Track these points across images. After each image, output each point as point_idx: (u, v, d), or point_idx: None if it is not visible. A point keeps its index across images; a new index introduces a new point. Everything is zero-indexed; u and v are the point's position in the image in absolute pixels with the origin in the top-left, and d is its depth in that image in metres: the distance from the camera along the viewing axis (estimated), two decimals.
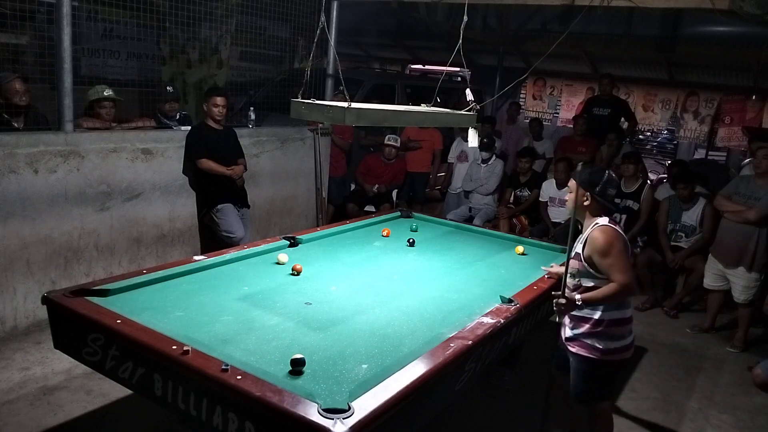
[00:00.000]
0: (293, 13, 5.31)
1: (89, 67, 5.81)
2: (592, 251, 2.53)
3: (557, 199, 5.86)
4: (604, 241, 2.48)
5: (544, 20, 8.23)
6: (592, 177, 2.59)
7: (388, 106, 3.03)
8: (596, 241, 2.51)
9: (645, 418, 3.44)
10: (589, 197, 2.60)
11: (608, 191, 2.58)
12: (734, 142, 8.45)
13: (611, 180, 2.60)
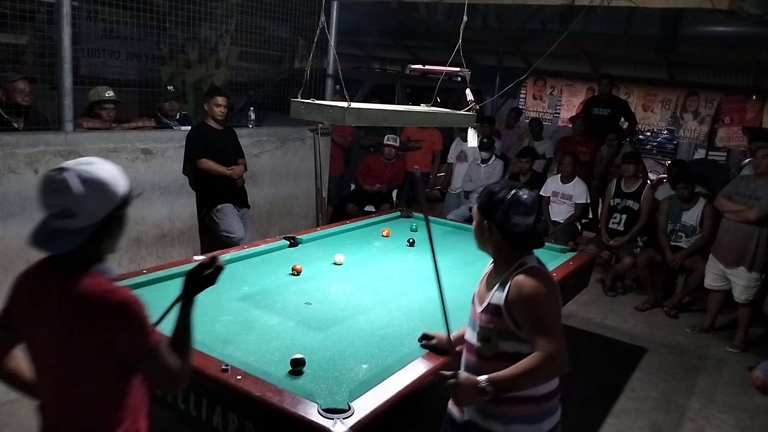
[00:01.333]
0: (293, 13, 5.31)
1: (89, 67, 5.81)
2: (515, 304, 1.77)
3: (560, 194, 5.86)
4: (529, 291, 1.74)
5: (544, 20, 8.23)
6: (489, 199, 1.83)
7: (388, 106, 3.03)
8: (519, 291, 1.76)
9: (645, 418, 3.44)
10: (489, 228, 1.84)
11: (513, 219, 1.78)
12: (734, 142, 8.45)
13: (517, 202, 1.78)
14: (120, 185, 1.43)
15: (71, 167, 1.38)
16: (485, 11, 8.38)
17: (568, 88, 9.85)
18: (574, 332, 4.59)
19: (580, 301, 4.78)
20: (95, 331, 1.37)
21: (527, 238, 1.82)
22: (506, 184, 1.84)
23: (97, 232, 1.40)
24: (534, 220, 1.80)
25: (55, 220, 1.36)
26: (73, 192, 1.34)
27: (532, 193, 1.82)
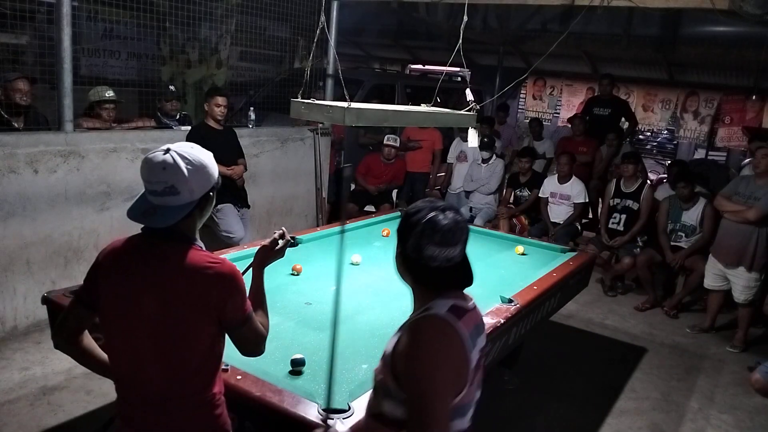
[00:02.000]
0: (293, 13, 5.31)
1: (89, 67, 5.81)
2: (397, 358, 1.40)
3: (558, 194, 5.87)
4: (408, 348, 1.34)
5: (544, 20, 8.23)
6: (404, 222, 1.45)
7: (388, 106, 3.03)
8: (402, 344, 1.38)
9: (645, 418, 3.44)
10: (401, 259, 1.47)
11: (426, 250, 1.38)
12: (734, 142, 8.45)
13: (432, 229, 1.38)
14: (215, 169, 1.56)
15: (176, 149, 1.49)
16: (485, 11, 8.38)
17: (568, 88, 9.85)
18: (574, 332, 4.59)
19: (580, 301, 4.79)
20: (207, 299, 1.47)
21: (444, 275, 1.41)
22: (428, 204, 1.44)
23: (194, 209, 1.52)
24: (458, 251, 1.40)
25: (159, 197, 1.48)
26: (180, 171, 1.46)
27: (458, 216, 1.42)
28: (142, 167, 1.50)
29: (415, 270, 1.44)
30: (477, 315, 1.49)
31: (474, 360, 1.41)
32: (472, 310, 1.47)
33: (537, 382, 3.67)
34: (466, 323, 1.40)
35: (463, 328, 1.37)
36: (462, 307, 1.43)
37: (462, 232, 1.42)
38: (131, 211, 1.51)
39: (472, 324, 1.43)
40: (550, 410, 3.41)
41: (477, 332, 1.45)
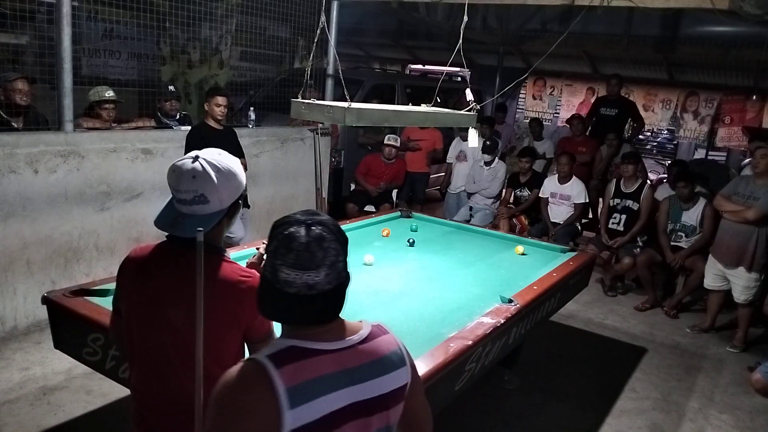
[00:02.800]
0: (293, 13, 5.31)
1: (90, 67, 5.81)
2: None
3: (558, 194, 5.87)
4: (213, 394, 1.13)
5: (544, 20, 8.24)
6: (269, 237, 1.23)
7: (388, 106, 3.03)
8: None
9: (645, 418, 3.44)
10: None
11: (281, 272, 1.14)
12: (734, 142, 8.46)
13: (289, 247, 1.14)
14: (243, 176, 1.55)
15: (205, 157, 1.48)
16: (485, 11, 8.39)
17: (568, 88, 9.86)
18: (574, 332, 4.59)
19: (580, 301, 4.79)
20: (238, 312, 1.46)
21: (302, 306, 1.15)
22: (295, 216, 1.19)
23: (222, 218, 1.51)
24: (322, 277, 1.14)
25: (187, 205, 1.47)
26: (210, 179, 1.45)
27: (325, 232, 1.18)
28: (169, 175, 1.50)
29: (271, 297, 1.15)
30: (344, 358, 1.15)
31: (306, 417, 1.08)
32: (329, 353, 1.15)
33: (537, 382, 3.67)
34: (296, 372, 1.09)
35: (279, 380, 1.07)
36: (305, 349, 1.13)
37: (327, 252, 1.15)
38: (159, 221, 1.51)
39: (319, 372, 1.11)
40: (550, 410, 3.41)
41: (329, 384, 1.12)
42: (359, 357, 1.19)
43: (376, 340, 1.24)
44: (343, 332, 1.22)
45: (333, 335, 1.19)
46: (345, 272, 1.22)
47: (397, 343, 1.28)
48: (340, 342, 1.19)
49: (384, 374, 1.21)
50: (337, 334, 1.20)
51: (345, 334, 1.21)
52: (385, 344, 1.25)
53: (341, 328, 1.22)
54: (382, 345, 1.24)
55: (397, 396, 1.23)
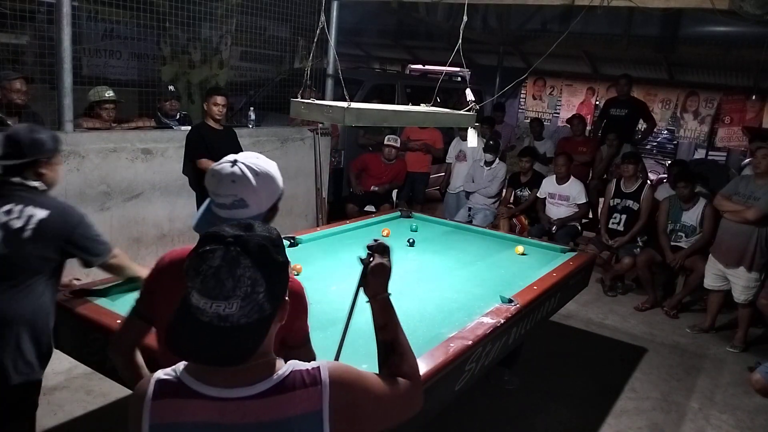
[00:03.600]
0: (293, 13, 5.31)
1: (90, 67, 5.82)
2: None
3: (557, 195, 5.87)
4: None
5: (544, 20, 8.24)
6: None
7: (388, 106, 3.03)
8: None
9: (645, 418, 3.44)
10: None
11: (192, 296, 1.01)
12: (734, 142, 8.45)
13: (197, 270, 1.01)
14: (281, 180, 1.53)
15: (244, 161, 1.46)
16: (485, 11, 8.39)
17: (568, 88, 9.86)
18: (574, 332, 4.59)
19: (580, 301, 4.79)
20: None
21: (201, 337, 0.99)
22: (219, 231, 1.04)
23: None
24: (235, 309, 0.98)
25: (227, 210, 1.44)
26: (251, 184, 1.43)
27: (242, 255, 1.00)
28: (208, 180, 1.47)
29: (183, 322, 1.00)
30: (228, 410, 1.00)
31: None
32: (212, 400, 1.01)
33: (537, 382, 3.67)
34: (169, 410, 1.02)
35: (148, 413, 1.03)
36: (189, 388, 1.02)
37: (238, 282, 0.98)
38: (199, 226, 1.46)
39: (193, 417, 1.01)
40: (550, 410, 3.41)
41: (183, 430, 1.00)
42: (243, 414, 1.00)
43: (284, 396, 1.02)
44: (244, 377, 1.02)
45: (225, 379, 1.01)
46: (269, 305, 1.01)
47: (322, 398, 1.03)
48: (227, 390, 1.01)
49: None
50: (232, 378, 1.01)
51: (242, 381, 1.02)
52: (295, 404, 1.02)
53: (246, 371, 1.02)
54: (289, 405, 1.02)
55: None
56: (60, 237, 2.03)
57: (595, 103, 9.65)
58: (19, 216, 1.97)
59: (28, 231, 1.97)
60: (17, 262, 1.97)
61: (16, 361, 1.99)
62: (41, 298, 2.07)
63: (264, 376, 1.03)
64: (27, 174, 2.06)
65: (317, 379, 1.05)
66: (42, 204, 2.03)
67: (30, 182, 2.05)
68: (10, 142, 2.04)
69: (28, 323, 2.01)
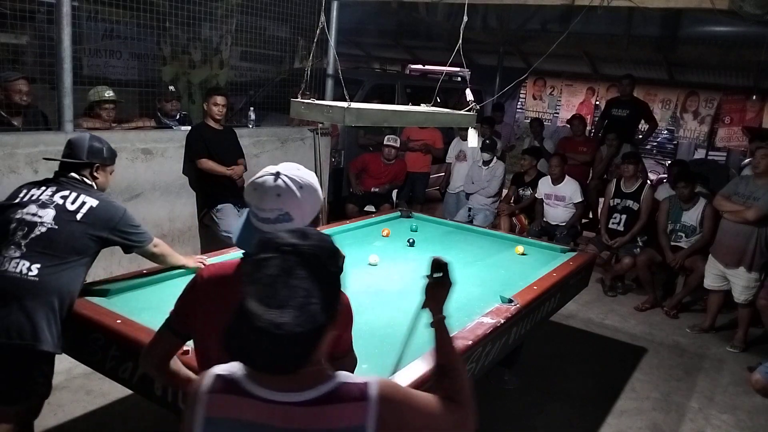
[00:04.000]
0: (293, 13, 5.31)
1: (91, 67, 5.81)
2: None
3: (553, 195, 5.88)
4: None
5: (544, 20, 8.23)
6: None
7: (388, 106, 3.03)
8: None
9: (645, 418, 3.44)
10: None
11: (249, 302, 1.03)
12: (734, 142, 8.45)
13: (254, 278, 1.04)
14: (320, 191, 1.49)
15: (287, 173, 1.44)
16: (485, 11, 8.38)
17: (568, 88, 9.86)
18: (574, 332, 4.59)
19: (580, 301, 4.79)
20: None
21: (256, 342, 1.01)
22: (276, 239, 1.07)
23: None
24: (289, 319, 0.99)
25: (271, 224, 1.39)
26: (296, 197, 1.40)
27: (298, 265, 1.03)
28: (250, 193, 1.43)
29: (239, 327, 1.01)
30: (274, 413, 1.03)
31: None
32: (262, 401, 1.04)
33: (537, 382, 3.67)
34: (223, 406, 1.06)
35: (203, 405, 1.07)
36: (243, 388, 1.06)
37: (293, 291, 0.99)
38: (242, 243, 1.42)
39: (242, 415, 1.05)
40: (550, 410, 3.41)
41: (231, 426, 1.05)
42: (288, 419, 1.03)
43: (330, 407, 1.04)
44: (295, 383, 1.05)
45: (277, 382, 1.05)
46: (324, 315, 1.02)
47: (367, 416, 1.04)
48: (278, 393, 1.04)
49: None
50: (284, 382, 1.04)
51: (292, 386, 1.05)
52: (340, 417, 1.04)
53: (297, 377, 1.04)
54: (334, 416, 1.04)
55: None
56: (106, 225, 2.34)
57: (595, 103, 9.66)
58: (74, 201, 2.31)
59: (81, 214, 2.29)
60: (65, 239, 2.24)
61: (50, 326, 2.20)
62: (76, 279, 2.32)
63: (313, 385, 1.05)
64: (84, 174, 2.44)
65: (365, 395, 1.06)
66: (94, 195, 2.38)
67: (86, 179, 2.43)
68: (72, 146, 2.46)
69: (60, 297, 2.24)
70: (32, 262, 2.19)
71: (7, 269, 2.17)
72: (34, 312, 2.15)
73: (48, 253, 2.21)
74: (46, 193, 2.33)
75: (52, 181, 2.42)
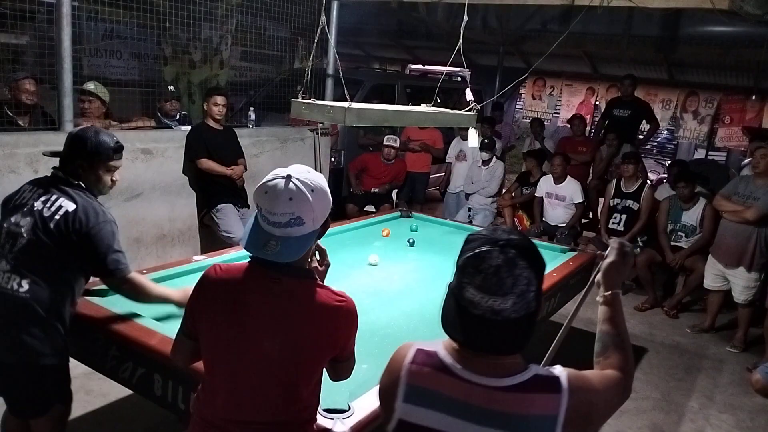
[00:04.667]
0: (293, 13, 5.31)
1: (91, 67, 5.81)
2: None
3: (554, 194, 5.88)
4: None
5: (544, 20, 8.23)
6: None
7: (388, 106, 3.03)
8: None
9: (645, 418, 3.45)
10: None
11: (467, 291, 1.14)
12: (734, 142, 8.46)
13: (478, 268, 1.14)
14: (330, 194, 1.48)
15: (298, 176, 1.40)
16: (485, 11, 8.38)
17: (568, 88, 9.86)
18: (574, 332, 4.58)
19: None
20: (335, 337, 1.46)
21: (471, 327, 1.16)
22: (487, 234, 1.19)
23: (315, 238, 1.46)
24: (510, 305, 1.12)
25: (282, 228, 1.39)
26: (307, 200, 1.38)
27: (519, 258, 1.13)
28: (260, 197, 1.40)
29: (455, 314, 1.16)
30: (473, 393, 1.13)
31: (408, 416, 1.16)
32: (462, 380, 1.14)
33: None
34: (423, 377, 1.17)
35: (405, 373, 1.18)
36: (445, 364, 1.17)
37: (517, 280, 1.11)
38: (251, 246, 1.41)
39: (440, 388, 1.15)
40: None
41: (442, 404, 1.14)
42: (489, 401, 1.12)
43: (526, 395, 1.13)
44: (496, 369, 1.15)
45: (479, 366, 1.15)
46: (535, 303, 1.15)
47: (560, 409, 1.12)
48: (478, 376, 1.14)
49: (501, 430, 1.11)
50: (486, 367, 1.15)
51: (493, 372, 1.15)
52: (533, 403, 1.13)
53: (498, 365, 1.16)
54: (527, 403, 1.13)
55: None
56: (76, 233, 2.05)
57: (594, 103, 9.66)
58: (51, 205, 2.06)
59: (53, 221, 2.04)
60: (41, 251, 2.03)
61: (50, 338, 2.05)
62: (69, 293, 2.12)
63: (512, 373, 1.15)
64: (78, 171, 2.18)
65: (557, 387, 1.15)
66: (74, 199, 2.10)
67: (71, 180, 2.16)
68: (66, 140, 2.22)
69: (57, 311, 2.08)
70: (22, 276, 2.03)
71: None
72: (30, 328, 2.03)
73: (33, 267, 2.03)
74: (32, 196, 2.12)
75: (44, 181, 2.21)
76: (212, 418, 1.48)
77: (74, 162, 2.18)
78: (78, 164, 2.18)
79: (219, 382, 1.47)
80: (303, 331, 1.41)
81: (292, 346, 1.41)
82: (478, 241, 1.16)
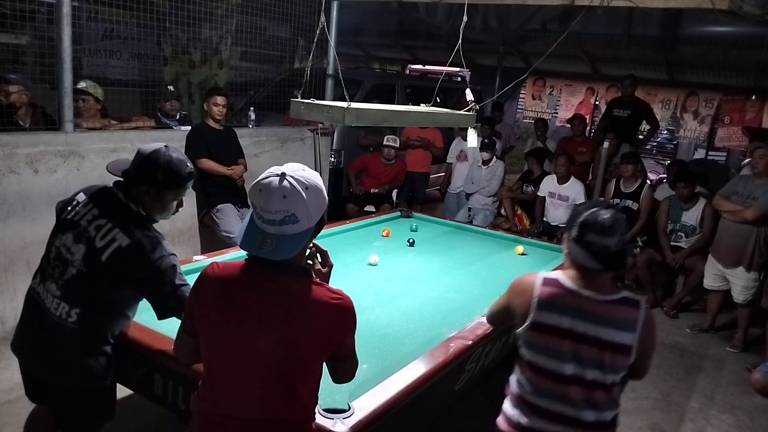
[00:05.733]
0: (293, 13, 5.31)
1: (91, 67, 5.81)
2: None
3: (557, 194, 5.87)
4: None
5: (544, 20, 8.24)
6: (570, 216, 1.85)
7: (388, 106, 3.03)
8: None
9: (645, 418, 3.45)
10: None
11: (588, 236, 1.73)
12: (734, 142, 8.46)
13: (596, 222, 1.73)
14: (325, 191, 1.49)
15: (292, 174, 1.42)
16: (485, 11, 8.39)
17: (568, 88, 9.86)
18: None
19: None
20: (331, 335, 1.46)
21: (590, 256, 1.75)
22: (598, 204, 1.81)
23: (310, 235, 1.46)
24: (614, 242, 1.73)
25: (276, 226, 1.40)
26: (301, 198, 1.39)
27: (619, 216, 1.75)
28: (255, 195, 1.42)
29: (579, 249, 1.75)
30: (583, 302, 1.72)
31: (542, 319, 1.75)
32: (576, 295, 1.73)
33: None
34: (550, 294, 1.76)
35: (538, 291, 1.78)
36: (564, 286, 1.76)
37: (621, 228, 1.73)
38: (246, 244, 1.44)
39: (562, 299, 1.74)
40: None
41: (562, 309, 1.73)
42: (594, 307, 1.72)
43: (618, 307, 1.73)
44: (599, 287, 1.74)
45: (591, 285, 1.74)
46: (627, 240, 1.80)
47: (639, 318, 1.72)
48: (589, 291, 1.73)
49: (605, 326, 1.70)
50: (595, 286, 1.74)
51: (599, 289, 1.73)
52: (623, 312, 1.72)
53: (603, 284, 1.75)
54: (620, 311, 1.72)
55: (613, 348, 1.69)
56: (125, 272, 1.92)
57: (594, 103, 9.66)
58: (104, 236, 1.91)
59: (106, 254, 1.90)
60: (94, 286, 1.93)
61: (94, 363, 2.00)
62: (121, 323, 2.06)
63: (611, 292, 1.74)
64: (143, 198, 2.01)
65: (638, 304, 1.75)
66: (129, 232, 1.94)
67: (132, 205, 1.99)
68: (139, 162, 1.98)
69: (104, 340, 2.02)
70: (71, 306, 1.93)
71: (49, 308, 1.96)
72: (76, 354, 1.98)
73: (82, 299, 1.93)
74: (86, 216, 1.96)
75: (101, 199, 2.01)
76: (212, 415, 1.48)
77: (140, 186, 1.98)
78: (144, 190, 1.99)
79: (218, 379, 1.48)
80: (299, 329, 1.41)
81: (288, 343, 1.41)
82: (592, 206, 1.78)
